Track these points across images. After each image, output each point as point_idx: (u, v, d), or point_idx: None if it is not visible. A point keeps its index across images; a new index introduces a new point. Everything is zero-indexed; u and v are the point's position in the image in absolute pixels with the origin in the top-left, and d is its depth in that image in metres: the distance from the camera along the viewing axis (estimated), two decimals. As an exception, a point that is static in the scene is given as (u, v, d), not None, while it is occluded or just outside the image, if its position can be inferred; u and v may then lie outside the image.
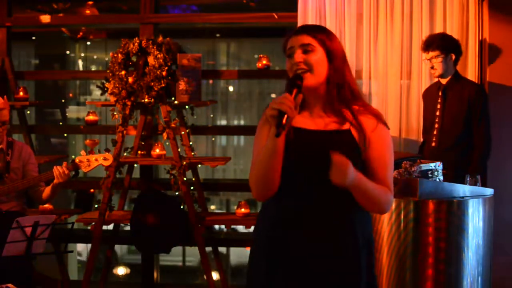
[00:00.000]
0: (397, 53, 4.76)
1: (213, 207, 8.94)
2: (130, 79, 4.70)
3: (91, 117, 5.14)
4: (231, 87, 8.78)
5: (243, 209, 4.81)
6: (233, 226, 5.11)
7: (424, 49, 4.38)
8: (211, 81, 8.12)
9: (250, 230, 5.68)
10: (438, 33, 4.52)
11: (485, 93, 4.43)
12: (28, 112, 5.39)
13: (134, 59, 4.84)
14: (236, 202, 5.03)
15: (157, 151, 4.79)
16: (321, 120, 2.33)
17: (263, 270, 2.35)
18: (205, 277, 4.83)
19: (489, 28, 4.69)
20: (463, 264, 3.55)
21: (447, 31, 4.59)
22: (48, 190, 4.13)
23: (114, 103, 4.76)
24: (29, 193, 4.21)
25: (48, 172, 4.07)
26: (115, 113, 4.80)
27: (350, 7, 4.80)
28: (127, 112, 4.75)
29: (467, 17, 4.68)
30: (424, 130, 4.58)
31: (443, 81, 4.41)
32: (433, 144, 4.39)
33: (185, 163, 4.70)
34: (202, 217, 4.80)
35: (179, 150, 4.74)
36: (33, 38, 7.84)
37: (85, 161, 4.08)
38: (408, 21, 4.76)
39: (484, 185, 3.93)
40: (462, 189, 3.62)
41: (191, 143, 4.93)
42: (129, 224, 4.79)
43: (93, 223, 4.76)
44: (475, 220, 3.60)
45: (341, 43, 2.39)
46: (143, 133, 4.93)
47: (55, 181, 4.01)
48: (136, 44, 4.76)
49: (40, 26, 5.71)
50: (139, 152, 4.94)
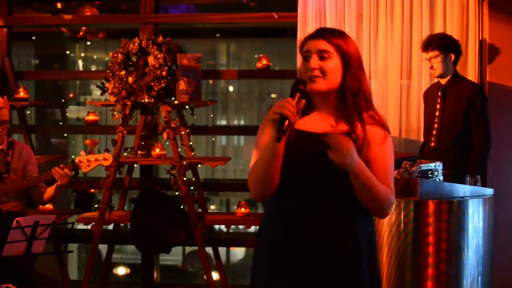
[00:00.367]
0: (397, 53, 4.76)
1: (213, 207, 8.94)
2: (130, 79, 4.70)
3: (91, 117, 5.15)
4: (231, 87, 8.77)
5: (243, 209, 4.82)
6: (233, 226, 5.11)
7: (424, 49, 4.38)
8: (211, 81, 8.12)
9: (250, 230, 5.69)
10: (437, 33, 4.52)
11: (484, 92, 4.43)
12: (28, 112, 5.39)
13: (134, 59, 4.84)
14: (236, 202, 5.03)
15: (157, 151, 4.79)
16: (326, 124, 2.33)
17: (265, 271, 2.35)
18: (205, 277, 4.83)
19: (489, 28, 4.69)
20: (463, 264, 3.55)
21: (447, 31, 4.59)
22: (50, 191, 4.12)
23: (114, 103, 4.76)
24: (29, 193, 4.21)
25: (48, 172, 4.07)
26: (115, 113, 4.80)
27: (350, 7, 4.80)
28: (127, 112, 4.75)
29: (467, 17, 4.68)
30: (425, 130, 4.58)
31: (442, 81, 4.41)
32: (432, 144, 4.39)
33: (185, 163, 4.70)
34: (202, 217, 4.80)
35: (179, 150, 4.74)
36: (33, 38, 7.84)
37: (85, 161, 4.08)
38: (408, 21, 4.76)
39: (484, 185, 3.93)
40: (462, 189, 3.62)
41: (191, 143, 4.93)
42: (129, 224, 4.79)
43: (93, 223, 4.76)
44: (475, 220, 3.60)
45: (358, 48, 2.38)
46: (143, 133, 4.93)
47: (58, 182, 4.02)
48: (136, 44, 4.76)
49: (40, 26, 5.70)
50: (139, 152, 4.94)
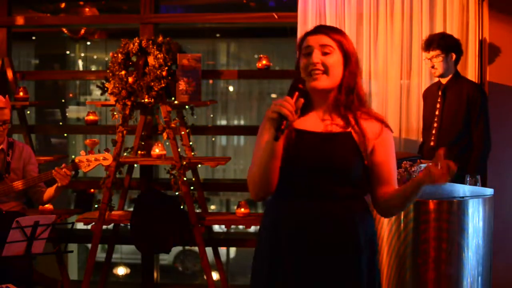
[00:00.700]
0: (397, 53, 4.76)
1: (213, 207, 8.95)
2: (130, 79, 4.70)
3: (91, 117, 5.15)
4: (231, 87, 8.78)
5: (243, 209, 4.81)
6: (233, 226, 5.11)
7: (425, 48, 4.38)
8: (211, 81, 8.12)
9: (250, 230, 5.69)
10: (438, 32, 4.52)
11: (484, 92, 4.43)
12: (28, 112, 5.39)
13: (134, 59, 4.84)
14: (236, 202, 5.03)
15: (157, 151, 4.79)
16: (324, 122, 2.33)
17: (265, 270, 2.36)
18: (205, 277, 4.83)
19: (489, 28, 4.69)
20: (463, 264, 3.55)
21: (447, 31, 4.58)
22: (50, 191, 4.12)
23: (114, 103, 4.76)
24: (29, 193, 4.21)
25: (48, 172, 4.07)
26: (115, 113, 4.80)
27: (350, 7, 4.80)
28: (127, 112, 4.75)
29: (467, 17, 4.68)
30: (424, 130, 4.58)
31: (443, 80, 4.41)
32: (431, 144, 4.39)
33: (185, 163, 4.70)
34: (202, 217, 4.80)
35: (179, 150, 4.74)
36: (33, 38, 7.84)
37: (85, 161, 4.08)
38: (408, 21, 4.76)
39: (484, 185, 3.93)
40: (462, 189, 3.62)
41: (191, 143, 4.93)
42: (129, 224, 4.79)
43: (93, 223, 4.76)
44: (475, 220, 3.60)
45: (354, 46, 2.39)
46: (143, 133, 4.93)
47: (59, 184, 4.02)
48: (136, 44, 4.76)
49: (40, 26, 5.71)
50: (139, 152, 4.94)
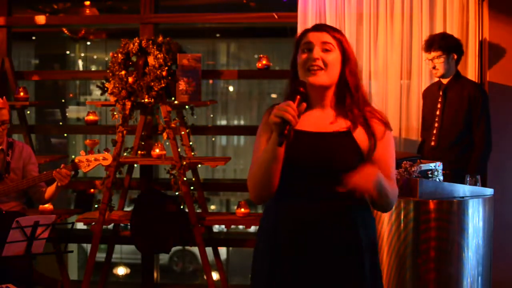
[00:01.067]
0: (397, 53, 4.76)
1: (213, 207, 8.95)
2: (130, 79, 4.70)
3: (91, 117, 5.15)
4: (231, 87, 8.78)
5: (243, 209, 4.81)
6: (233, 226, 5.11)
7: (426, 49, 4.37)
8: (211, 81, 8.12)
9: (250, 230, 5.69)
10: (439, 33, 4.51)
11: (486, 92, 4.43)
12: (28, 112, 5.39)
13: (134, 59, 4.84)
14: (236, 202, 5.03)
15: (157, 151, 4.79)
16: (323, 122, 2.33)
17: (265, 272, 2.36)
18: (205, 277, 4.83)
19: (489, 28, 4.69)
20: (463, 264, 3.55)
21: (447, 31, 4.58)
22: (51, 190, 4.13)
23: (114, 103, 4.76)
24: (30, 193, 4.21)
25: (48, 172, 4.07)
26: (115, 113, 4.80)
27: (350, 7, 4.80)
28: (127, 112, 4.75)
29: (467, 17, 4.68)
30: (423, 129, 4.58)
31: (444, 80, 4.41)
32: (432, 144, 4.39)
33: (185, 163, 4.70)
34: (202, 217, 4.80)
35: (179, 150, 4.74)
36: (33, 38, 7.84)
37: (85, 161, 4.08)
38: (408, 21, 4.76)
39: (484, 185, 3.93)
40: (462, 189, 3.62)
41: (191, 143, 4.93)
42: (129, 224, 4.79)
43: (93, 223, 4.76)
44: (475, 220, 3.60)
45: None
46: (143, 133, 4.93)
47: (59, 184, 4.02)
48: (136, 44, 4.76)
49: (40, 26, 5.71)
50: (139, 152, 4.94)
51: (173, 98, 4.83)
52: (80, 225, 4.97)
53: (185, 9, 6.97)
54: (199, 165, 4.96)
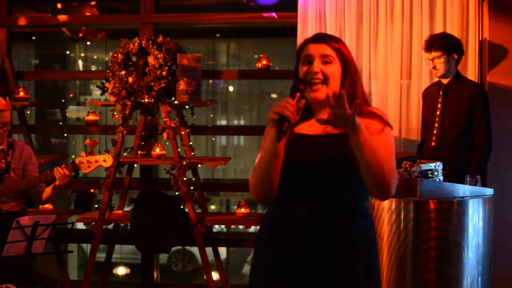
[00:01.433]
0: (397, 53, 4.76)
1: (213, 207, 8.95)
2: (130, 79, 4.70)
3: (91, 117, 5.15)
4: (231, 87, 8.78)
5: (243, 209, 4.81)
6: (233, 226, 5.11)
7: (426, 49, 4.37)
8: (211, 81, 8.13)
9: (250, 230, 5.69)
10: (440, 33, 4.51)
11: (486, 93, 4.43)
12: (28, 112, 5.39)
13: (134, 59, 4.84)
14: (236, 202, 5.03)
15: (157, 151, 4.79)
16: (323, 126, 2.32)
17: (264, 272, 2.36)
18: (205, 277, 4.83)
19: (489, 28, 4.69)
20: (463, 264, 3.55)
21: (447, 31, 4.58)
22: (48, 190, 4.13)
23: (114, 103, 4.76)
24: (30, 193, 4.22)
25: (48, 173, 4.08)
26: (115, 113, 4.80)
27: (350, 7, 4.80)
28: (127, 112, 4.75)
29: (467, 17, 4.68)
30: (422, 129, 4.58)
31: (444, 80, 4.41)
32: (432, 144, 4.39)
33: (185, 163, 4.70)
34: (202, 217, 4.80)
35: (179, 150, 4.74)
36: (33, 38, 7.84)
37: (85, 162, 4.09)
38: (408, 21, 4.76)
39: (484, 185, 3.93)
40: (462, 189, 3.62)
41: (191, 143, 4.93)
42: (129, 224, 4.79)
43: (93, 223, 4.76)
44: (475, 220, 3.60)
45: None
46: (143, 133, 4.93)
47: (57, 183, 4.02)
48: (136, 44, 4.76)
49: (40, 26, 5.71)
50: (139, 152, 4.94)
51: (173, 98, 4.83)
52: (80, 225, 4.97)
53: (185, 9, 6.96)
54: (199, 165, 4.96)
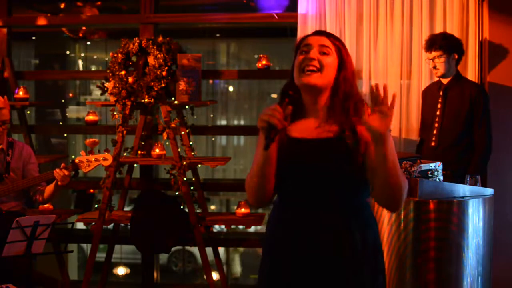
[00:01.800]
0: (397, 53, 4.76)
1: (213, 207, 8.95)
2: (130, 79, 4.70)
3: (91, 117, 5.14)
4: (231, 87, 8.78)
5: (243, 209, 4.81)
6: (233, 226, 5.11)
7: (427, 49, 4.37)
8: (211, 81, 8.13)
9: (250, 230, 5.69)
10: (440, 32, 4.51)
11: (487, 93, 4.43)
12: (28, 112, 5.39)
13: (134, 59, 4.84)
14: (236, 202, 5.03)
15: (157, 151, 4.79)
16: (316, 129, 2.32)
17: (266, 271, 2.38)
18: (205, 277, 4.83)
19: (489, 28, 4.69)
20: (463, 264, 3.55)
21: (447, 31, 4.58)
22: (50, 190, 4.13)
23: (114, 103, 4.76)
24: (30, 192, 4.22)
25: (49, 173, 4.08)
26: (115, 113, 4.80)
27: (350, 7, 4.80)
28: (127, 112, 4.75)
29: (467, 17, 4.68)
30: (422, 129, 4.58)
31: (444, 80, 4.41)
32: (432, 144, 4.39)
33: (185, 163, 4.70)
34: (202, 217, 4.80)
35: (179, 150, 4.74)
36: (33, 38, 7.85)
37: (85, 161, 4.09)
38: (408, 21, 4.76)
39: (484, 185, 3.93)
40: (462, 189, 3.62)
41: (191, 143, 4.93)
42: (129, 224, 4.79)
43: (93, 223, 4.76)
44: (475, 220, 3.60)
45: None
46: (143, 133, 4.93)
47: (59, 183, 4.02)
48: (136, 44, 4.76)
49: (40, 26, 5.71)
50: (139, 152, 4.94)
51: (173, 98, 4.83)
52: (80, 225, 4.97)
53: (185, 9, 6.97)
54: (199, 165, 4.96)
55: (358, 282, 2.28)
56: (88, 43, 8.34)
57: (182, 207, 4.78)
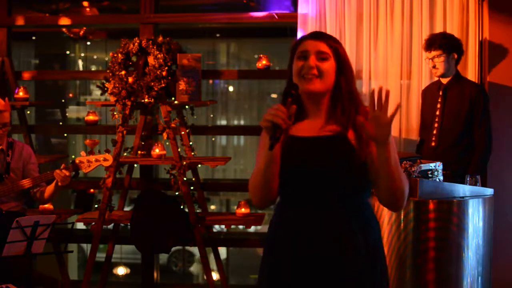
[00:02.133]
0: (397, 53, 4.76)
1: (213, 207, 8.95)
2: (130, 79, 4.70)
3: (91, 117, 5.14)
4: (231, 87, 8.78)
5: (243, 209, 4.81)
6: (233, 226, 5.11)
7: (426, 48, 4.38)
8: (211, 81, 8.13)
9: (250, 230, 5.69)
10: (439, 32, 4.51)
11: (487, 93, 4.43)
12: (28, 112, 5.39)
13: (134, 59, 4.84)
14: (236, 202, 5.03)
15: (157, 151, 4.79)
16: (319, 128, 2.33)
17: (267, 271, 2.38)
18: (205, 277, 4.83)
19: (489, 28, 4.69)
20: (463, 264, 3.55)
21: (447, 31, 4.58)
22: (50, 190, 4.13)
23: (114, 103, 4.76)
24: (30, 193, 4.22)
25: (49, 173, 4.08)
26: (115, 113, 4.80)
27: (350, 7, 4.80)
28: (127, 112, 4.75)
29: (467, 17, 4.68)
30: (422, 129, 4.58)
31: (443, 80, 4.41)
32: (432, 144, 4.39)
33: (185, 163, 4.70)
34: (202, 217, 4.80)
35: (179, 150, 4.74)
36: (33, 38, 7.85)
37: (85, 161, 4.09)
38: (408, 21, 4.76)
39: (484, 185, 3.93)
40: (462, 189, 3.62)
41: (191, 143, 4.93)
42: (129, 224, 4.79)
43: (93, 223, 4.76)
44: (475, 220, 3.60)
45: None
46: (143, 133, 4.93)
47: (59, 183, 4.03)
48: (136, 44, 4.76)
49: (40, 26, 5.71)
50: (139, 152, 4.94)
51: (173, 98, 4.83)
52: (80, 225, 4.97)
53: (185, 9, 6.97)
54: (199, 165, 4.96)
55: (360, 282, 2.28)
56: (88, 43, 8.34)
57: (182, 207, 4.78)
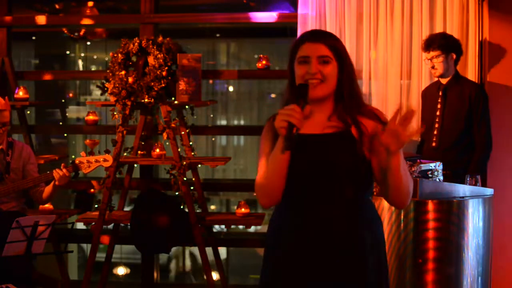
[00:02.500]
0: (397, 53, 4.76)
1: (213, 207, 8.95)
2: (130, 79, 4.70)
3: (91, 117, 5.15)
4: (231, 87, 8.78)
5: (243, 209, 4.81)
6: (233, 226, 5.11)
7: (425, 48, 4.38)
8: (211, 81, 8.12)
9: (250, 230, 5.69)
10: (438, 32, 4.52)
11: (486, 93, 4.43)
12: (28, 112, 5.39)
13: (134, 59, 4.84)
14: (236, 202, 5.03)
15: (157, 151, 4.79)
16: (323, 126, 2.34)
17: (270, 274, 2.38)
18: (205, 277, 4.83)
19: (489, 28, 4.69)
20: (463, 264, 3.55)
21: (447, 31, 4.59)
22: (48, 190, 4.13)
23: (114, 103, 4.76)
24: (29, 193, 4.22)
25: (48, 173, 4.08)
26: (115, 113, 4.80)
27: (350, 7, 4.80)
28: (127, 112, 4.75)
29: (467, 17, 4.68)
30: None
31: (443, 80, 4.41)
32: (433, 144, 4.39)
33: (185, 163, 4.70)
34: (202, 217, 4.80)
35: (179, 150, 4.74)
36: (33, 38, 7.84)
37: (85, 162, 4.09)
38: (408, 21, 4.76)
39: (484, 185, 3.93)
40: (462, 189, 3.62)
41: (191, 143, 4.93)
42: (129, 224, 4.79)
43: (93, 223, 4.76)
44: (475, 220, 3.60)
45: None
46: (143, 133, 4.93)
47: (56, 183, 4.02)
48: (136, 44, 4.76)
49: (40, 26, 5.71)
50: (139, 152, 4.94)
51: (173, 98, 4.83)
52: (80, 225, 4.97)
53: (185, 9, 6.96)
54: (199, 165, 4.96)
55: (363, 277, 2.29)
56: (88, 43, 8.33)
57: (182, 207, 4.78)
